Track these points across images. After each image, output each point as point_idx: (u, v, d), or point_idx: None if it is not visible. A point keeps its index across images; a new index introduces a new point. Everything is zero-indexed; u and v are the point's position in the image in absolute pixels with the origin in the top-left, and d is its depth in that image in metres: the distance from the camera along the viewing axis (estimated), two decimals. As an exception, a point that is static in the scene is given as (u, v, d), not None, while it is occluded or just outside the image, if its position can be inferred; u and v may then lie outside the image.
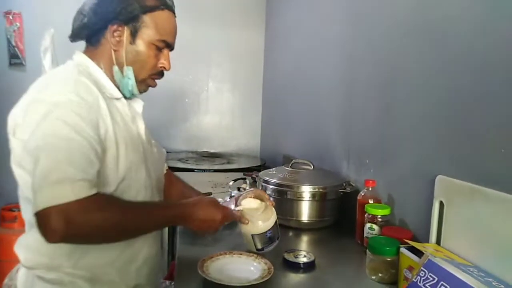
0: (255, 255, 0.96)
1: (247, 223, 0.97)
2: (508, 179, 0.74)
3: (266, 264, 0.91)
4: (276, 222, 1.01)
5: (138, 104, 1.01)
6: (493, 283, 0.68)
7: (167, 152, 2.84)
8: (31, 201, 0.76)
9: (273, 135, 2.54)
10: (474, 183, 0.81)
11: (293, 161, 1.40)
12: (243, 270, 0.91)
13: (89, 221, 0.71)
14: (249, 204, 1.01)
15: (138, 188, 0.89)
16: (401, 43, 1.11)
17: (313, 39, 1.83)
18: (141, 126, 0.98)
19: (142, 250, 0.92)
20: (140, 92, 0.96)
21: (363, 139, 1.33)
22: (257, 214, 0.98)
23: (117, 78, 0.92)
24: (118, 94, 0.92)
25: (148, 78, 0.95)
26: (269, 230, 0.98)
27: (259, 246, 0.99)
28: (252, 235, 0.97)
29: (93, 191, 0.72)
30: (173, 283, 0.94)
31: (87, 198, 0.70)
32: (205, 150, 2.78)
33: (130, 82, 0.92)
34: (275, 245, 1.01)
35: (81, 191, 0.70)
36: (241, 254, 0.97)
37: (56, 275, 0.83)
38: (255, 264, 0.93)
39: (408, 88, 1.08)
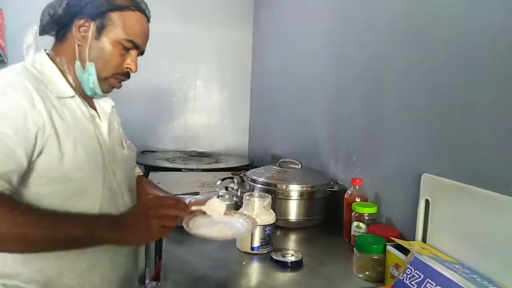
0: (245, 215, 0.92)
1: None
2: (493, 177, 0.75)
3: (252, 222, 0.88)
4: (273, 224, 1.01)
5: (106, 104, 0.99)
6: (477, 279, 0.69)
7: (154, 151, 2.82)
8: None
9: (262, 134, 2.54)
10: (459, 181, 0.82)
11: (281, 160, 1.40)
12: (229, 227, 0.87)
13: None
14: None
15: (94, 189, 0.86)
16: (387, 43, 1.12)
17: (300, 38, 1.83)
18: (104, 126, 0.95)
19: (106, 256, 0.89)
20: (103, 92, 0.93)
21: (351, 138, 1.33)
22: (262, 206, 0.99)
23: (79, 74, 0.90)
24: (70, 92, 0.88)
25: (111, 78, 0.92)
26: (269, 225, 0.99)
27: (256, 244, 0.98)
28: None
29: None
30: (159, 283, 0.92)
31: None
32: (193, 149, 2.76)
33: (91, 78, 0.89)
34: (270, 249, 1.00)
35: None
36: (232, 214, 0.93)
37: (15, 283, 0.80)
38: (240, 220, 0.90)
39: (394, 87, 1.09)
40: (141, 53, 0.96)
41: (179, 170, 2.11)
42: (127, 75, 0.95)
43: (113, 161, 0.94)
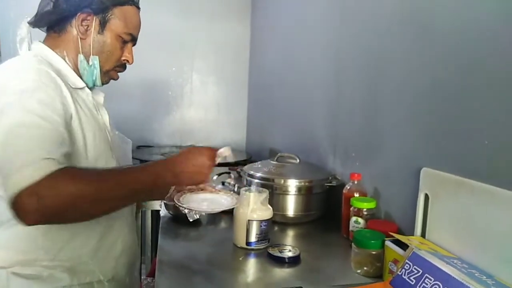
0: (229, 192, 1.03)
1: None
2: (492, 171, 0.75)
3: (236, 198, 0.99)
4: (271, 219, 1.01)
5: (99, 96, 1.02)
6: (476, 274, 0.68)
7: (150, 146, 2.81)
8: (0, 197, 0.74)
9: (259, 129, 2.53)
10: (459, 175, 0.81)
11: (279, 154, 1.38)
12: (215, 202, 0.97)
13: (60, 193, 0.68)
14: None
15: None
16: (386, 37, 1.11)
17: (299, 32, 1.81)
18: (106, 117, 0.99)
19: (119, 239, 0.94)
20: (102, 84, 0.97)
21: (350, 133, 1.32)
22: (258, 202, 0.99)
23: (82, 67, 0.92)
24: (81, 83, 0.92)
25: (112, 70, 0.97)
26: (265, 220, 0.98)
27: (252, 239, 0.97)
28: (249, 221, 0.97)
29: (62, 166, 0.70)
30: (154, 279, 0.92)
31: (55, 172, 0.68)
32: (189, 144, 2.74)
33: (95, 71, 0.93)
34: (266, 245, 0.99)
35: (47, 167, 0.68)
36: (219, 191, 1.04)
37: (33, 270, 0.82)
38: (225, 196, 1.01)
39: (393, 82, 1.07)
40: (134, 44, 1.00)
41: (176, 165, 2.10)
42: (124, 67, 1.00)
43: (115, 151, 0.97)
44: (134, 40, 0.98)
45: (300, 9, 1.80)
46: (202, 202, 0.96)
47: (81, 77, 0.93)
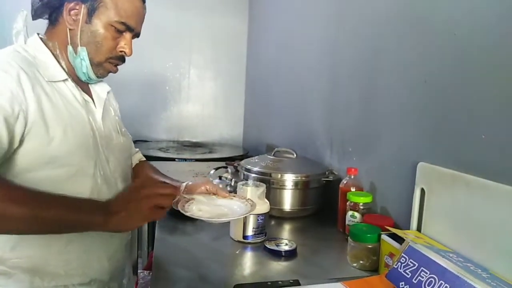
0: (245, 198, 0.95)
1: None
2: (488, 166, 0.75)
3: (251, 204, 0.91)
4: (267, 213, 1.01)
5: (102, 89, 0.97)
6: (471, 267, 0.69)
7: (147, 141, 2.79)
8: None
9: (256, 124, 2.52)
10: (455, 170, 0.81)
11: (276, 149, 1.38)
12: (227, 209, 0.91)
13: None
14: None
15: (86, 175, 0.85)
16: (382, 33, 1.10)
17: (296, 27, 1.81)
18: (98, 112, 0.93)
19: (96, 246, 0.88)
20: (98, 77, 0.91)
21: (346, 128, 1.32)
22: (256, 196, 0.98)
23: (71, 59, 0.88)
24: (62, 75, 0.86)
25: (106, 62, 0.90)
26: (262, 214, 0.98)
27: (249, 233, 0.98)
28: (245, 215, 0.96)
29: None
30: (151, 273, 0.92)
31: None
32: (186, 139, 2.73)
33: (84, 63, 0.87)
34: (263, 239, 1.00)
35: None
36: (231, 197, 0.97)
37: (1, 268, 0.79)
38: (238, 203, 0.94)
39: (389, 77, 1.07)
40: (136, 35, 0.93)
41: (173, 160, 2.09)
42: (122, 59, 0.93)
43: (107, 148, 0.92)
44: (131, 29, 0.90)
45: (298, 3, 1.79)
46: (213, 208, 0.90)
47: (74, 70, 0.89)
